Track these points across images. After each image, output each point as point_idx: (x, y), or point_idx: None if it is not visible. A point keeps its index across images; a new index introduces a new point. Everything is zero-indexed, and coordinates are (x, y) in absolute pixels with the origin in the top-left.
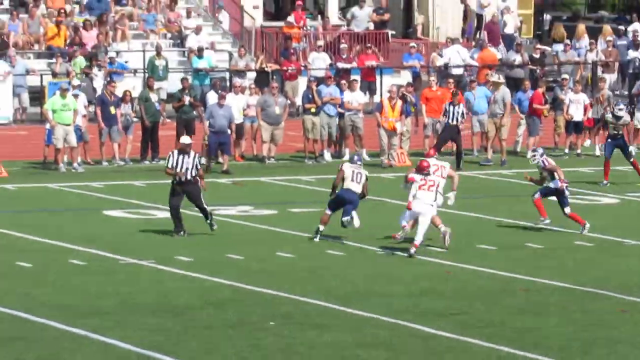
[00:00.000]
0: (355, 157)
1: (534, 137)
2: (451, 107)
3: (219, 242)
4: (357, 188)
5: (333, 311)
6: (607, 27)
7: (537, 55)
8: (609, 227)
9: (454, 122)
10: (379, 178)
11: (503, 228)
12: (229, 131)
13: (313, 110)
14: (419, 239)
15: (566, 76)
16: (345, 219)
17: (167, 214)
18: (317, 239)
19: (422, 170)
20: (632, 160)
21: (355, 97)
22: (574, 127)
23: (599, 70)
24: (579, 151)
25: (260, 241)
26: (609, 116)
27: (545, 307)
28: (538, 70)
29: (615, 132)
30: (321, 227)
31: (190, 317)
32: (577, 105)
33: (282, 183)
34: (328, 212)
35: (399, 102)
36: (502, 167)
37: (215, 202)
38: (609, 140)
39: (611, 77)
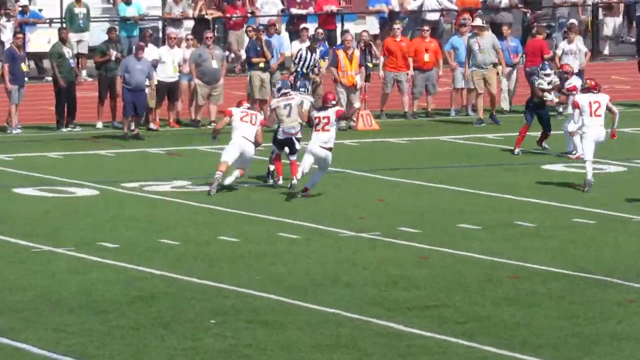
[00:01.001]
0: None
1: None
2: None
3: (149, 224)
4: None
5: (286, 306)
6: None
7: None
8: (614, 201)
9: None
10: (340, 145)
11: (488, 203)
12: (146, 90)
13: (262, 64)
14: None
15: (574, 21)
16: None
17: (89, 191)
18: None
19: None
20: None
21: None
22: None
23: (600, 12)
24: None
25: (199, 223)
26: (540, 81)
27: (537, 297)
28: (529, 14)
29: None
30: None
31: (115, 314)
32: (573, 57)
33: None
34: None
35: (357, 53)
36: (488, 130)
37: (144, 177)
38: (531, 104)
39: (615, 21)
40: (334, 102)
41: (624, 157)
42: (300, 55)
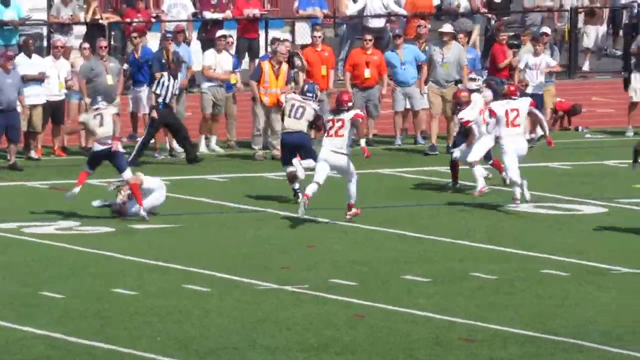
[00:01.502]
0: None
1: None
2: None
3: (30, 273)
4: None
5: None
6: None
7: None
8: (591, 248)
9: None
10: (259, 179)
11: (439, 251)
12: (18, 109)
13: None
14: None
15: (547, 30)
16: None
17: None
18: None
19: None
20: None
21: (222, 62)
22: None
23: (580, 19)
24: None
25: (89, 272)
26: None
27: None
28: (494, 21)
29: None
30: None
31: None
32: (536, 73)
33: None
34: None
35: (285, 67)
36: (441, 161)
37: (23, 216)
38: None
39: (598, 31)
40: (350, 104)
41: (604, 195)
42: (162, 83)
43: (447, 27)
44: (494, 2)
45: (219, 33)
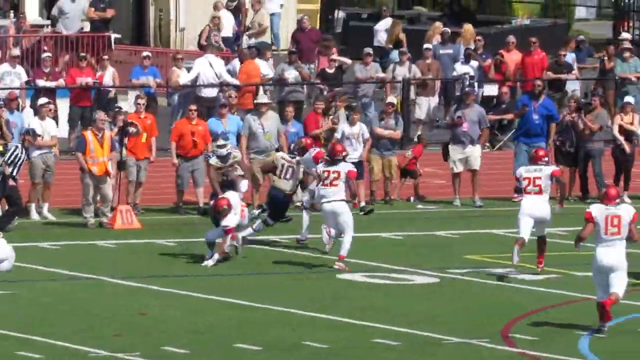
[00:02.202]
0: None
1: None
2: None
3: None
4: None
5: None
6: (437, 25)
7: (331, 70)
8: (422, 318)
9: None
10: (92, 247)
11: (271, 319)
12: None
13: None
14: None
15: (393, 100)
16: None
17: None
18: None
19: None
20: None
21: (47, 128)
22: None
23: (412, 90)
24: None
25: None
26: (212, 159)
27: None
28: (326, 92)
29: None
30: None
31: None
32: (353, 142)
33: None
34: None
35: (108, 134)
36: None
37: None
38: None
39: (430, 102)
40: (344, 154)
41: (435, 265)
42: (16, 155)
43: (264, 98)
44: (327, 73)
45: (41, 101)
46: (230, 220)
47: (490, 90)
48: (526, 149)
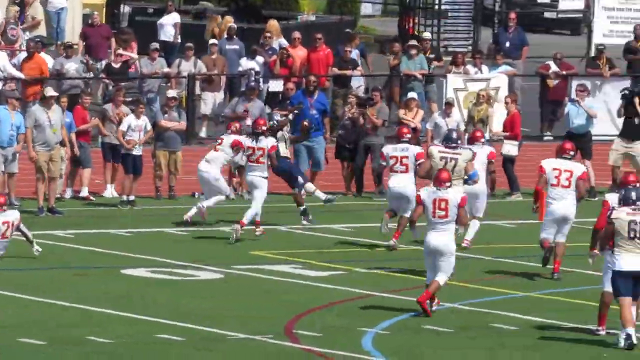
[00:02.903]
0: None
1: None
2: None
3: None
4: None
5: None
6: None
7: (117, 65)
8: (206, 314)
9: None
10: None
11: (58, 314)
12: None
13: None
14: None
15: (174, 94)
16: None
17: None
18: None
19: None
20: None
21: None
22: None
23: (198, 86)
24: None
25: None
26: None
27: None
28: (112, 86)
29: None
30: None
31: None
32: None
33: None
34: None
35: None
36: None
37: None
38: None
39: (216, 97)
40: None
41: (220, 261)
42: None
43: (50, 91)
44: (112, 67)
45: None
46: None
47: (276, 85)
48: (306, 145)
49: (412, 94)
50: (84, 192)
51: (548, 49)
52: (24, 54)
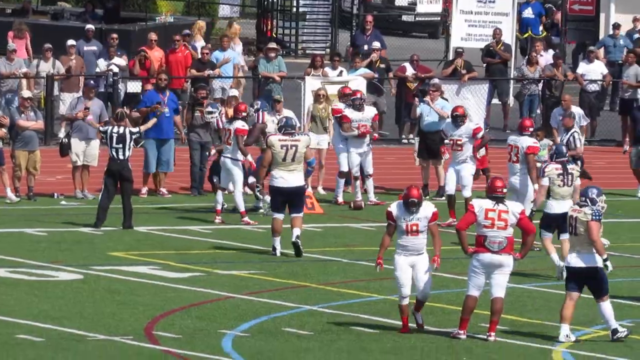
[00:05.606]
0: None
1: None
2: None
3: None
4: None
5: None
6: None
7: None
8: (65, 314)
9: None
10: None
11: None
12: None
13: None
14: None
15: (28, 94)
16: None
17: None
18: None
19: None
20: None
21: None
22: None
23: (57, 86)
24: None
25: None
26: None
27: None
28: None
29: None
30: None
31: None
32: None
33: None
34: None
35: None
36: None
37: None
38: None
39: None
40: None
41: (79, 262)
42: None
43: None
44: None
45: None
46: None
47: (134, 87)
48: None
49: (276, 97)
50: None
51: (406, 52)
52: None
